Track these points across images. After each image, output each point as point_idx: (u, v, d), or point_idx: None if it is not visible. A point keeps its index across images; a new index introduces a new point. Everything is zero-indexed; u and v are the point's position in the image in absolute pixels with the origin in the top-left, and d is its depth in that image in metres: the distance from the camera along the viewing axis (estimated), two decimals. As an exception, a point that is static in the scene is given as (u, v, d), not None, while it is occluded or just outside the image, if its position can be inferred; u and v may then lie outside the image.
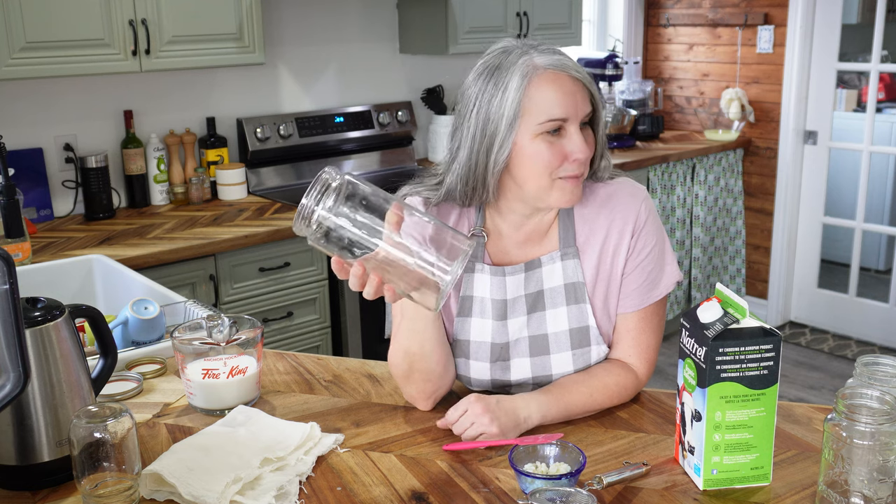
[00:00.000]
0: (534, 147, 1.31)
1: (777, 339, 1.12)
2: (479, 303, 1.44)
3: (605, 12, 4.88)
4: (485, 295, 1.43)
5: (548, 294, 1.43)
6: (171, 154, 3.18)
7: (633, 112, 4.28)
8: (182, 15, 2.82)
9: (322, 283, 2.96)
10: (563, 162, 1.31)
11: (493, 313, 1.43)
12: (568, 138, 1.31)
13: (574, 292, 1.42)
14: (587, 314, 1.42)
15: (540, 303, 1.43)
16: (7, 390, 1.05)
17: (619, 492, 1.17)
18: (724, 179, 4.36)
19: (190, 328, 1.47)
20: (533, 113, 1.30)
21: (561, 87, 1.30)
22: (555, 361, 1.43)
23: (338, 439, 1.31)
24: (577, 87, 1.31)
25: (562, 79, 1.31)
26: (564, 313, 1.42)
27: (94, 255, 2.28)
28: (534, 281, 1.43)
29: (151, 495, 1.16)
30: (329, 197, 1.07)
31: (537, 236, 1.45)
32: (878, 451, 1.04)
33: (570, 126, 1.31)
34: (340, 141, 3.58)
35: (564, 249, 1.42)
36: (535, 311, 1.43)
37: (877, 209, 4.81)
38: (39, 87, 2.92)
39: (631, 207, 1.41)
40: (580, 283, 1.42)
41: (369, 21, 3.68)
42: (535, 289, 1.43)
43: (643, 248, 1.41)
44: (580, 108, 1.31)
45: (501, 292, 1.43)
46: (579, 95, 1.31)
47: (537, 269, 1.43)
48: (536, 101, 1.29)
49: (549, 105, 1.29)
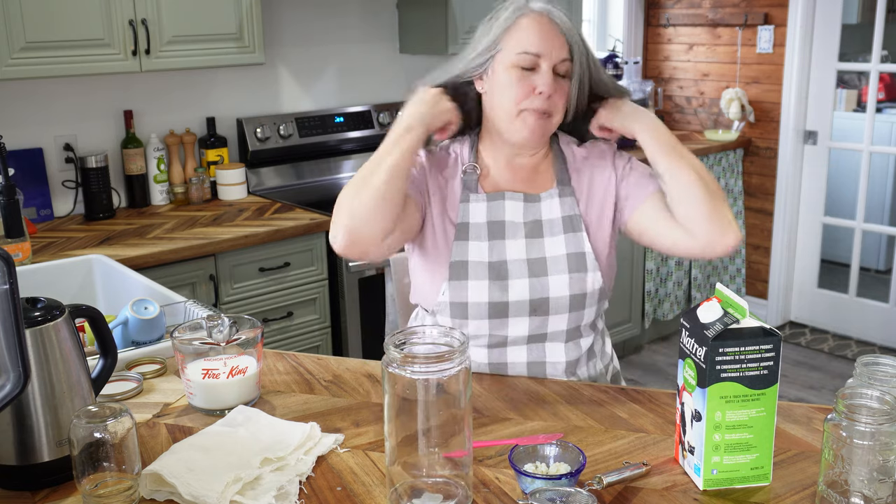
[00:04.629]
0: (506, 76, 1.48)
1: (777, 339, 1.13)
2: (476, 228, 1.53)
3: (605, 12, 4.88)
4: (481, 220, 1.53)
5: (546, 224, 1.54)
6: (171, 154, 3.18)
7: (633, 112, 4.27)
8: (182, 15, 2.82)
9: (322, 283, 2.96)
10: (529, 94, 1.47)
11: (490, 234, 1.52)
12: (539, 74, 1.47)
13: (571, 223, 1.54)
14: (583, 241, 1.53)
15: (538, 230, 1.53)
16: (7, 390, 1.05)
17: (619, 492, 1.17)
18: (724, 179, 4.36)
19: (190, 328, 1.47)
20: (511, 44, 1.48)
21: (541, 27, 1.47)
22: (552, 283, 1.51)
23: (338, 439, 1.31)
24: (555, 33, 1.48)
25: (544, 21, 1.48)
26: (562, 240, 1.53)
27: (94, 255, 2.28)
28: (532, 212, 1.54)
29: (151, 495, 1.16)
30: None
31: (528, 175, 1.58)
32: (878, 451, 1.04)
33: (543, 64, 1.47)
34: (340, 141, 3.58)
35: (561, 188, 1.56)
36: (533, 237, 1.53)
37: (877, 209, 4.81)
38: (39, 87, 2.92)
39: (607, 152, 1.63)
40: (577, 215, 1.55)
41: (369, 21, 3.68)
42: (532, 218, 1.54)
43: (623, 163, 1.60)
44: (556, 51, 1.47)
45: (500, 214, 1.54)
46: (557, 41, 1.47)
47: (536, 203, 1.55)
48: (517, 35, 1.48)
49: (527, 40, 1.47)
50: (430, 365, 1.07)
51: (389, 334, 1.13)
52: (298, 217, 2.93)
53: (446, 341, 1.14)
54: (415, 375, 1.07)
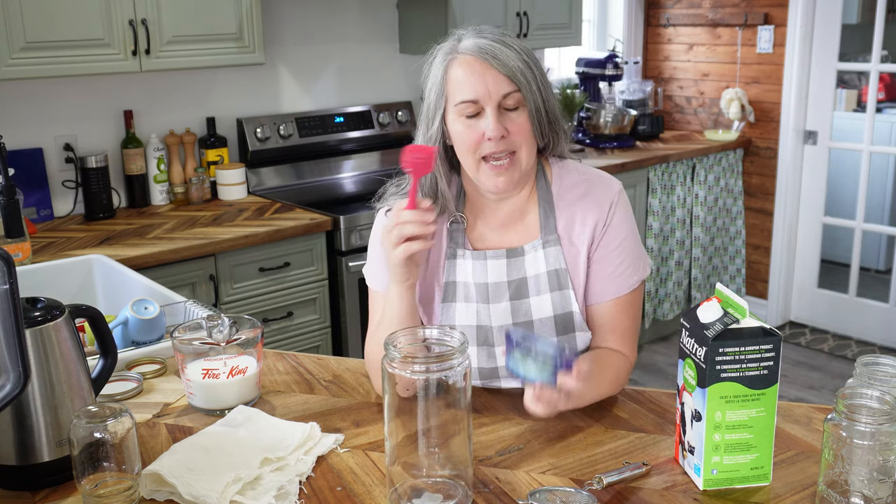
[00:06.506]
0: (455, 127, 1.40)
1: (777, 339, 1.12)
2: (463, 287, 1.47)
3: (605, 12, 4.88)
4: (468, 280, 1.47)
5: (531, 282, 1.46)
6: (171, 154, 3.18)
7: (633, 112, 4.28)
8: (182, 15, 2.82)
9: (322, 283, 2.96)
10: (480, 141, 1.37)
11: (478, 297, 1.46)
12: (483, 119, 1.37)
13: (557, 279, 1.45)
14: (570, 300, 1.45)
15: (524, 290, 1.46)
16: (7, 390, 1.05)
17: (619, 492, 1.17)
18: (724, 179, 4.36)
19: (190, 328, 1.47)
20: (451, 95, 1.39)
21: (470, 70, 1.37)
22: None
23: (338, 439, 1.31)
24: (486, 70, 1.36)
25: (471, 62, 1.37)
26: (548, 300, 1.45)
27: (94, 255, 2.28)
28: (516, 268, 1.46)
29: (151, 495, 1.16)
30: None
31: (514, 222, 1.49)
32: (878, 451, 1.04)
33: (487, 107, 1.36)
34: (340, 141, 3.58)
35: (546, 237, 1.46)
36: (518, 299, 1.46)
37: (877, 209, 4.81)
38: (39, 87, 2.92)
39: (605, 200, 1.46)
40: (563, 269, 1.46)
41: (369, 21, 3.68)
42: (517, 276, 1.46)
43: (613, 239, 1.45)
44: (495, 88, 1.35)
45: (483, 276, 1.47)
46: (490, 78, 1.35)
47: (520, 258, 1.47)
48: (451, 85, 1.38)
49: (461, 87, 1.37)
50: (430, 365, 1.07)
51: (389, 334, 1.14)
52: (298, 217, 2.93)
53: (446, 341, 1.14)
54: (415, 375, 1.07)
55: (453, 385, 1.09)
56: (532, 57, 1.40)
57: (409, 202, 1.31)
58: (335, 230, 2.93)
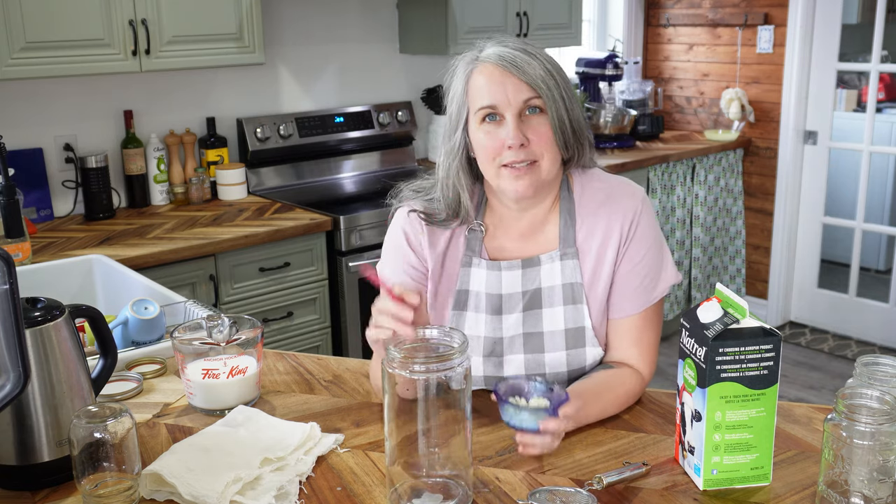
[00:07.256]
0: (477, 135, 1.39)
1: (777, 339, 1.12)
2: (475, 297, 1.46)
3: (605, 12, 4.88)
4: (480, 289, 1.45)
5: (545, 293, 1.44)
6: (171, 154, 3.18)
7: (633, 112, 4.28)
8: (182, 15, 2.82)
9: (322, 283, 2.96)
10: (501, 149, 1.37)
11: (488, 308, 1.45)
12: (503, 126, 1.36)
13: (572, 292, 1.43)
14: (584, 315, 1.43)
15: (537, 301, 1.44)
16: (7, 390, 1.05)
17: (619, 492, 1.17)
18: (724, 179, 4.36)
19: (190, 328, 1.47)
20: (472, 102, 1.39)
21: (490, 77, 1.37)
22: (549, 360, 1.44)
23: (338, 439, 1.31)
24: (506, 77, 1.36)
25: (492, 70, 1.37)
26: (561, 313, 1.43)
27: (94, 255, 2.28)
28: (531, 279, 1.44)
29: (151, 495, 1.16)
30: None
31: (535, 232, 1.46)
32: (878, 451, 1.04)
33: (506, 114, 1.36)
34: (340, 141, 3.58)
35: (564, 249, 1.44)
36: (531, 309, 1.44)
37: (877, 209, 4.81)
38: (39, 87, 2.92)
39: (629, 209, 1.43)
40: (578, 283, 1.43)
41: (369, 21, 3.68)
42: (532, 286, 1.44)
43: (637, 251, 1.43)
44: (515, 95, 1.35)
45: (497, 287, 1.45)
46: (510, 85, 1.35)
47: (536, 268, 1.44)
48: (473, 92, 1.38)
49: (482, 94, 1.37)
50: (430, 365, 1.07)
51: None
52: (298, 217, 2.93)
53: (446, 341, 1.14)
54: (415, 375, 1.07)
55: (453, 385, 1.09)
56: (557, 67, 1.39)
57: (391, 296, 1.20)
58: (335, 230, 2.93)
